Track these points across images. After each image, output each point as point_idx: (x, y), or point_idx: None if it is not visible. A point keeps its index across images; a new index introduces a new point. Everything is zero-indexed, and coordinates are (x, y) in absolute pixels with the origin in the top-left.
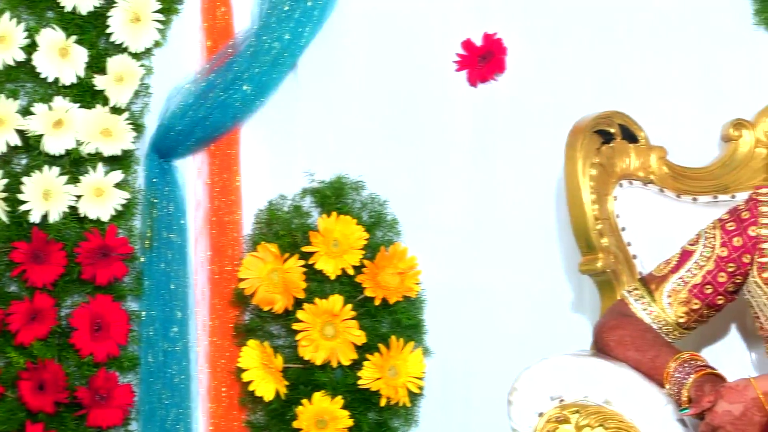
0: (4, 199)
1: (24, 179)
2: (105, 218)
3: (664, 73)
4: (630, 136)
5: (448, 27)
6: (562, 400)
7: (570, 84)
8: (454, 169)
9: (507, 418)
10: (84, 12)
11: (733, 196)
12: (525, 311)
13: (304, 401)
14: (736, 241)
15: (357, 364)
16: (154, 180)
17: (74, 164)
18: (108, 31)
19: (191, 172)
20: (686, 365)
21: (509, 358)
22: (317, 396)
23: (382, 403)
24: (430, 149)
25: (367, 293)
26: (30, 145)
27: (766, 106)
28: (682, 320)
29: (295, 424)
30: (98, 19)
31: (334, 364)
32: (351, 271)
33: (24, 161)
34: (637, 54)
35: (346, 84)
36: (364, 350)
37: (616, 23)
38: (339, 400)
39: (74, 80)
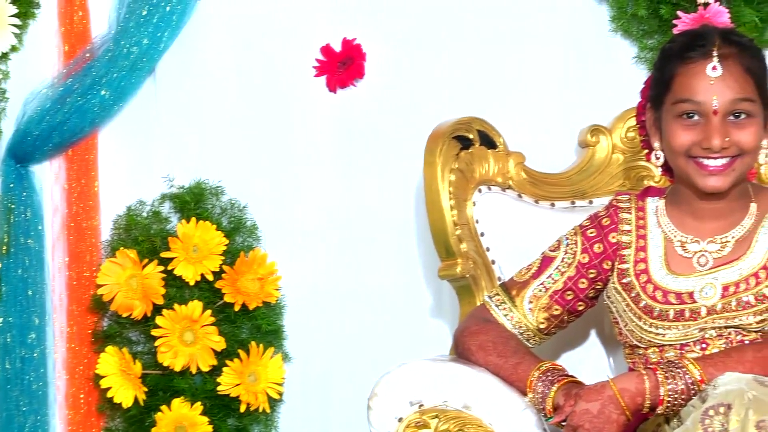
0: None
1: None
2: None
3: (522, 78)
4: (489, 141)
5: (307, 32)
6: (421, 406)
7: (429, 90)
8: (315, 175)
9: (367, 423)
10: None
11: (591, 202)
12: (385, 317)
13: (163, 408)
14: (597, 248)
15: (216, 370)
16: (11, 185)
17: None
18: None
19: (49, 177)
20: (548, 374)
21: (369, 364)
22: (176, 402)
23: (242, 409)
24: (290, 155)
25: (227, 299)
26: None
27: (623, 112)
28: (542, 326)
29: (154, 431)
30: None
31: (194, 370)
32: (210, 277)
33: None
34: (495, 59)
35: (205, 89)
36: (223, 356)
37: (475, 29)
38: (198, 406)
39: None
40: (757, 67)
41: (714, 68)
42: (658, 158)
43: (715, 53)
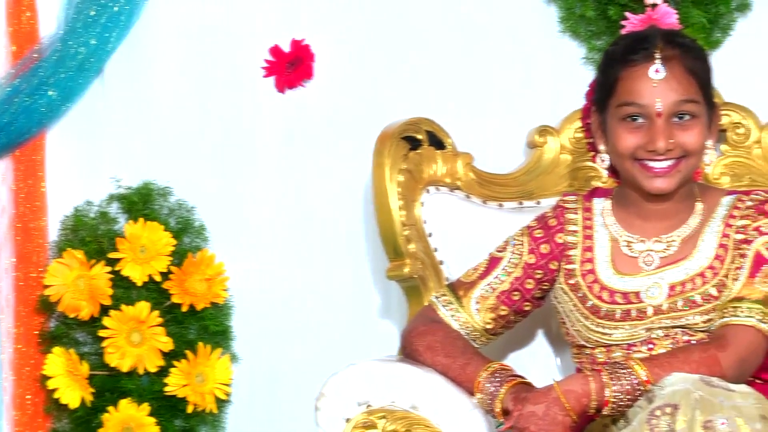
0: None
1: None
2: None
3: (471, 79)
4: (437, 142)
5: (256, 33)
6: (369, 406)
7: (378, 90)
8: (263, 175)
9: (314, 424)
10: None
11: (539, 203)
12: (333, 317)
13: (111, 408)
14: (544, 248)
15: (164, 371)
16: None
17: None
18: None
19: None
20: (497, 375)
21: (317, 364)
22: (123, 403)
23: (189, 409)
24: (238, 155)
25: (175, 300)
26: None
27: (571, 113)
28: (489, 326)
29: None
30: None
31: (141, 371)
32: (158, 278)
33: None
34: (444, 60)
35: (153, 89)
36: (171, 357)
37: (423, 30)
38: (146, 407)
39: None
40: (701, 67)
41: (657, 71)
42: (603, 161)
43: (657, 55)
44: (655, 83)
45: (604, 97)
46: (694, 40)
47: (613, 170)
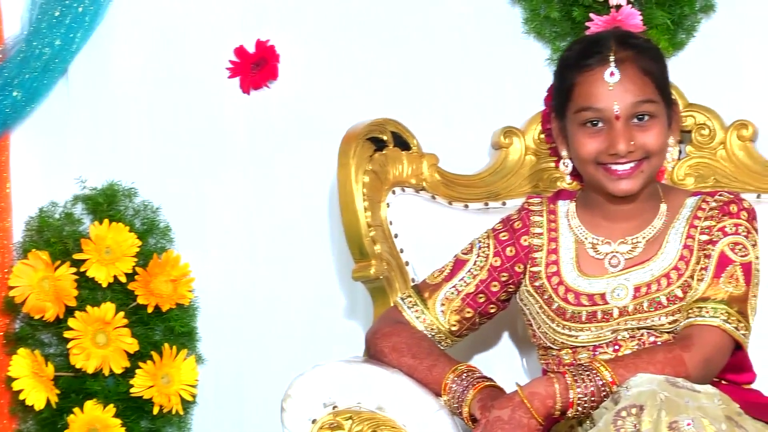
0: None
1: None
2: None
3: (436, 80)
4: (402, 143)
5: (221, 33)
6: (335, 407)
7: (343, 91)
8: (229, 176)
9: (280, 425)
10: None
11: (504, 204)
12: (299, 318)
13: (76, 410)
14: (509, 251)
15: (129, 372)
16: None
17: None
18: None
19: None
20: (464, 377)
21: (283, 365)
22: (89, 404)
23: (155, 411)
24: (204, 156)
25: (140, 301)
26: None
27: (536, 114)
28: (454, 328)
29: None
30: None
31: (106, 372)
32: (123, 279)
33: None
34: (409, 61)
35: (118, 90)
36: (136, 358)
37: (389, 31)
38: (111, 408)
39: None
40: (656, 67)
41: (612, 74)
42: (566, 166)
43: (611, 58)
44: (611, 86)
45: (561, 103)
46: (648, 40)
47: (576, 174)
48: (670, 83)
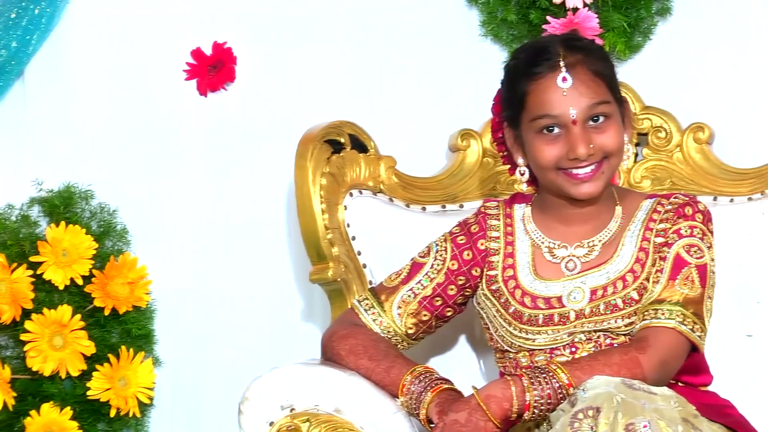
0: None
1: None
2: None
3: (393, 82)
4: (360, 145)
5: (177, 35)
6: (293, 409)
7: (301, 93)
8: (185, 179)
9: (238, 427)
10: None
11: (462, 206)
12: (257, 320)
13: (33, 413)
14: (466, 255)
15: (86, 375)
16: None
17: None
18: None
19: None
20: (422, 378)
21: (240, 368)
22: (46, 407)
23: (112, 413)
24: (161, 158)
25: (97, 303)
26: None
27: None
28: (411, 331)
29: None
30: None
31: (63, 375)
32: (80, 281)
33: None
34: (367, 63)
35: (75, 92)
36: (93, 361)
37: (346, 33)
38: (68, 411)
39: None
40: (605, 67)
41: (564, 79)
42: (522, 174)
43: (561, 64)
44: (565, 92)
45: (515, 112)
46: (593, 41)
47: (532, 180)
48: (618, 81)
